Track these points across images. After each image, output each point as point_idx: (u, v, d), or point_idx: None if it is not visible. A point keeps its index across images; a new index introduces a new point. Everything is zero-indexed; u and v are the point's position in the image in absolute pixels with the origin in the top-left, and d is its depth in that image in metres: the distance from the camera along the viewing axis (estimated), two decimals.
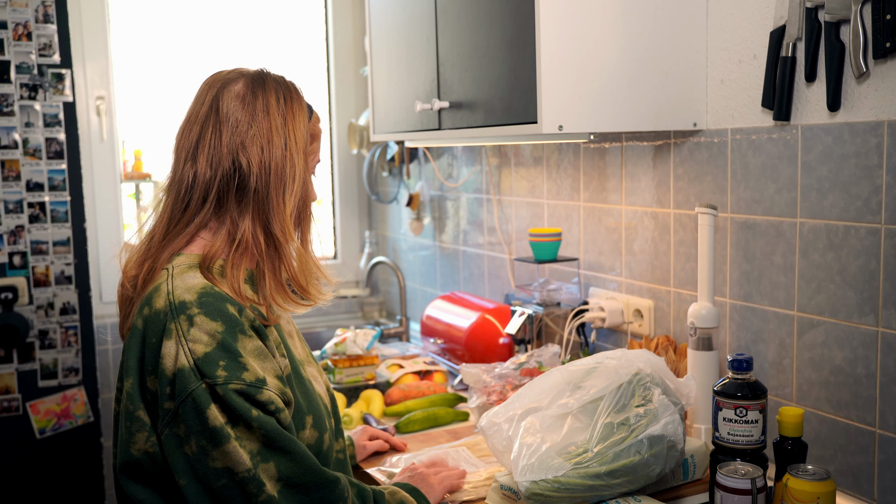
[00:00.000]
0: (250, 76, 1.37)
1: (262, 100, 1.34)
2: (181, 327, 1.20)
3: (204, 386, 1.18)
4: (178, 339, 1.20)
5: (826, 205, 1.55)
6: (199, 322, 1.21)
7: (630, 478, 1.38)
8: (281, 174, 1.32)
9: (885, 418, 1.47)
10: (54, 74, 2.72)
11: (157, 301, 1.24)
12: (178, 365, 1.19)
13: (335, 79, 3.50)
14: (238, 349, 1.21)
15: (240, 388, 1.19)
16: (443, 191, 2.98)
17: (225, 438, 1.18)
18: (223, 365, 1.19)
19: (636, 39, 1.72)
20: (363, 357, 2.35)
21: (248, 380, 1.20)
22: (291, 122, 1.35)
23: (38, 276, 2.75)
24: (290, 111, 1.36)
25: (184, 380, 1.18)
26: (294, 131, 1.35)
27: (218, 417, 1.18)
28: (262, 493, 1.19)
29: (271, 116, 1.33)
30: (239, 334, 1.23)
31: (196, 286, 1.25)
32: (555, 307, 2.23)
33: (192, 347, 1.19)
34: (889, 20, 1.38)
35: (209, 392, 1.18)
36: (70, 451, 2.83)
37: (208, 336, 1.20)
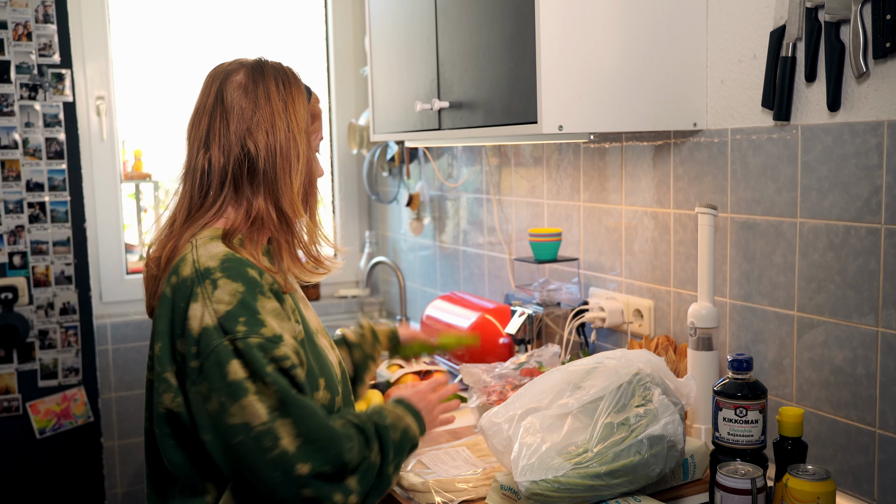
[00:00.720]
0: (249, 65, 1.46)
1: (263, 87, 1.43)
2: (206, 290, 1.29)
3: (226, 342, 1.26)
4: (204, 300, 1.29)
5: (826, 205, 1.55)
6: (221, 284, 1.30)
7: (630, 478, 1.38)
8: (286, 155, 1.42)
9: (885, 418, 1.47)
10: (54, 74, 2.72)
11: (184, 269, 1.33)
12: (202, 324, 1.27)
13: (335, 79, 3.50)
14: (257, 307, 1.30)
15: (259, 342, 1.27)
16: (443, 191, 2.98)
17: (243, 392, 1.25)
18: (243, 321, 1.27)
19: (636, 39, 1.72)
20: None
21: (266, 335, 1.28)
22: (292, 106, 1.44)
23: (38, 276, 2.75)
24: (289, 95, 1.44)
25: (208, 338, 1.27)
26: (295, 114, 1.44)
27: (238, 372, 1.26)
28: (277, 446, 1.25)
29: (272, 102, 1.42)
30: (258, 294, 1.31)
31: (219, 253, 1.34)
32: (555, 307, 2.23)
33: (215, 307, 1.28)
34: (889, 20, 1.38)
35: (231, 347, 1.26)
36: (70, 451, 2.83)
37: (230, 296, 1.29)
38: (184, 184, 1.46)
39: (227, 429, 1.26)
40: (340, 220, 3.60)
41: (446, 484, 1.58)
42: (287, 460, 1.26)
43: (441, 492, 1.56)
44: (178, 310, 1.31)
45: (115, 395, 3.13)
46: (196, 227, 1.40)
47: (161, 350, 1.32)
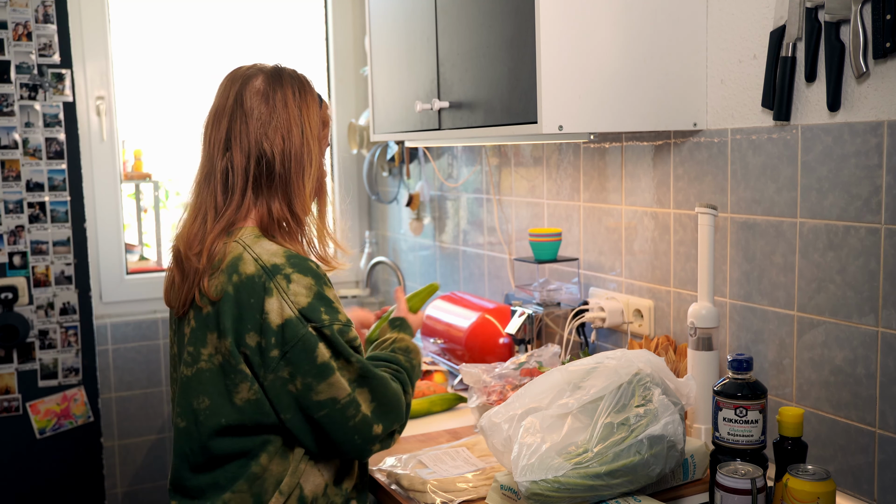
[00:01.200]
0: (268, 72, 1.54)
1: (281, 93, 1.51)
2: (280, 285, 1.41)
3: (311, 330, 1.40)
4: (280, 295, 1.40)
5: (826, 205, 1.55)
6: (295, 279, 1.42)
7: (630, 478, 1.38)
8: (300, 159, 1.51)
9: (885, 418, 1.47)
10: (54, 74, 2.72)
11: (246, 268, 1.43)
12: (284, 317, 1.39)
13: (335, 79, 3.50)
14: (329, 297, 1.45)
15: (340, 327, 1.43)
16: (443, 191, 2.98)
17: (331, 371, 1.41)
18: (323, 311, 1.42)
19: (636, 39, 1.72)
20: None
21: (343, 320, 1.44)
22: (306, 112, 1.53)
23: (38, 276, 2.75)
24: (304, 102, 1.54)
25: (293, 328, 1.39)
26: (308, 120, 1.53)
27: (324, 354, 1.41)
28: (358, 413, 1.44)
29: (289, 108, 1.51)
30: (325, 286, 1.45)
31: (279, 251, 1.46)
32: (555, 307, 2.23)
33: (294, 300, 1.40)
34: (889, 20, 1.38)
35: (316, 334, 1.40)
36: (70, 451, 2.83)
37: (305, 289, 1.42)
38: (207, 183, 1.52)
39: (311, 404, 1.42)
40: (340, 220, 3.60)
41: (446, 484, 1.58)
42: (366, 423, 1.46)
43: (441, 492, 1.56)
44: (248, 305, 1.41)
45: (115, 395, 3.13)
46: (226, 225, 1.49)
47: (231, 345, 1.42)
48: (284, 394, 1.42)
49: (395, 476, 1.64)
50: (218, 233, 1.48)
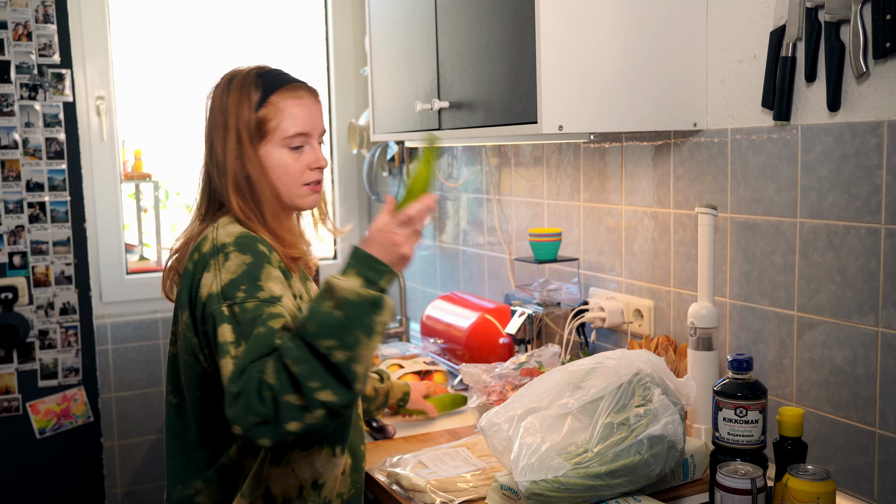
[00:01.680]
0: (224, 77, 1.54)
1: (217, 92, 1.51)
2: (218, 262, 1.39)
3: (224, 307, 1.34)
4: (215, 271, 1.38)
5: (826, 205, 1.55)
6: (232, 257, 1.39)
7: (630, 478, 1.38)
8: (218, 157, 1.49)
9: (885, 418, 1.47)
10: (54, 74, 2.72)
11: (205, 246, 1.44)
12: (209, 291, 1.37)
13: (335, 79, 3.50)
14: (261, 275, 1.37)
15: (254, 304, 1.33)
16: (443, 191, 2.98)
17: (223, 354, 1.31)
18: (244, 288, 1.35)
19: (636, 39, 1.72)
20: None
21: (262, 297, 1.34)
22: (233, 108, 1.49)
23: (38, 276, 2.75)
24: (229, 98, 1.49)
25: (211, 303, 1.36)
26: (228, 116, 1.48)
27: (226, 335, 1.32)
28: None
29: (214, 105, 1.51)
30: (266, 264, 1.39)
31: (235, 232, 1.44)
32: (555, 307, 2.23)
33: (223, 277, 1.37)
34: (889, 20, 1.38)
35: (228, 312, 1.34)
36: (70, 451, 2.83)
37: (236, 266, 1.38)
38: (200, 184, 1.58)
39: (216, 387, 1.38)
40: (340, 220, 3.60)
41: (446, 484, 1.58)
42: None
43: (441, 492, 1.56)
44: (195, 281, 1.41)
45: (115, 395, 3.13)
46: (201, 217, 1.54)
47: (188, 318, 1.43)
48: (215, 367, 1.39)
49: (395, 476, 1.64)
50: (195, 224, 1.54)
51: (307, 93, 1.54)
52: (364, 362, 1.25)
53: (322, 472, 1.50)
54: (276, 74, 1.53)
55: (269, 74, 1.52)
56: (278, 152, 1.49)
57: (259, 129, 1.48)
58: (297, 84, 1.53)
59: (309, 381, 1.21)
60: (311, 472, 1.48)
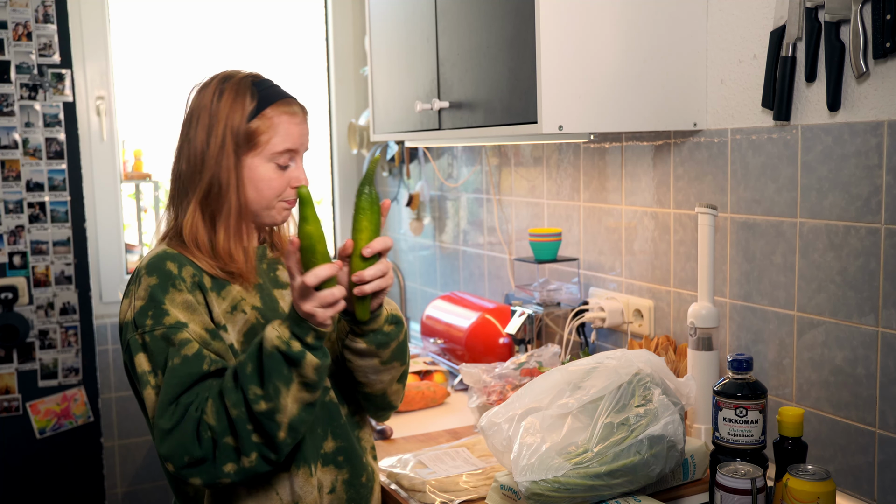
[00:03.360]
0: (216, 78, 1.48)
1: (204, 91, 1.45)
2: (133, 288, 1.38)
3: (136, 336, 1.34)
4: (130, 297, 1.37)
5: (826, 205, 1.55)
6: (142, 281, 1.37)
7: (630, 478, 1.38)
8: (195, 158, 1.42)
9: (885, 418, 1.47)
10: (54, 74, 2.72)
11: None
12: (124, 319, 1.37)
13: (335, 79, 3.50)
14: (164, 300, 1.34)
15: (162, 332, 1.32)
16: (443, 191, 2.98)
17: (144, 385, 1.32)
18: (150, 314, 1.34)
19: (636, 39, 1.72)
20: None
21: (168, 323, 1.33)
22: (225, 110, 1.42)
23: (38, 276, 2.75)
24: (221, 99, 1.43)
25: (125, 332, 1.36)
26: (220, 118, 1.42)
27: (143, 365, 1.33)
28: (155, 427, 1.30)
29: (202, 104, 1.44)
30: (170, 287, 1.36)
31: (155, 251, 1.42)
32: (555, 307, 2.23)
33: (135, 304, 1.36)
34: (889, 20, 1.38)
35: (140, 341, 1.33)
36: (70, 451, 2.83)
37: (144, 291, 1.36)
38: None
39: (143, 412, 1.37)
40: (340, 220, 3.60)
41: (446, 484, 1.58)
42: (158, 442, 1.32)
43: (441, 492, 1.56)
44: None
45: (115, 395, 3.13)
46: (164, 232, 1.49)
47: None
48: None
49: (395, 476, 1.64)
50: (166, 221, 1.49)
51: (300, 109, 1.48)
52: (288, 414, 1.26)
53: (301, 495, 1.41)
54: (271, 86, 1.47)
55: (265, 85, 1.46)
56: (264, 166, 1.43)
57: (248, 140, 1.42)
58: (291, 99, 1.47)
59: (245, 425, 1.26)
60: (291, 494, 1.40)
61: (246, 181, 1.43)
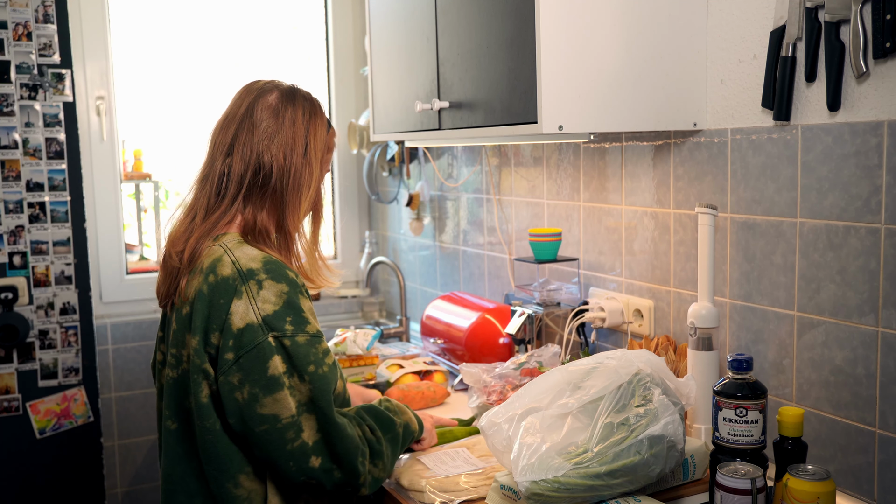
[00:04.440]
0: (283, 89, 1.58)
1: (291, 111, 1.55)
2: (251, 290, 1.41)
3: (271, 339, 1.38)
4: (249, 299, 1.40)
5: (826, 205, 1.55)
6: (267, 285, 1.42)
7: (630, 478, 1.38)
8: (299, 178, 1.54)
9: (885, 418, 1.47)
10: (54, 74, 2.72)
11: (223, 269, 1.44)
12: (246, 321, 1.39)
13: (335, 79, 3.50)
14: (302, 306, 1.43)
15: (305, 339, 1.41)
16: (443, 191, 2.98)
17: (279, 387, 1.38)
18: (290, 320, 1.40)
19: (636, 39, 1.72)
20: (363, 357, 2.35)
21: (311, 332, 1.42)
22: (313, 133, 1.56)
23: (38, 276, 2.75)
24: (312, 123, 1.57)
25: (252, 333, 1.38)
26: (314, 141, 1.56)
27: (278, 366, 1.38)
28: (298, 438, 1.40)
29: (296, 126, 1.54)
30: (300, 295, 1.44)
31: (258, 256, 1.46)
32: (555, 307, 2.23)
33: (261, 306, 1.40)
34: (889, 20, 1.38)
35: (276, 344, 1.39)
36: (70, 451, 2.83)
37: (276, 296, 1.41)
38: (203, 184, 1.56)
39: (255, 416, 1.39)
40: (340, 220, 3.60)
41: (446, 484, 1.58)
42: (304, 452, 1.40)
43: (441, 492, 1.56)
44: (217, 306, 1.41)
45: (115, 395, 3.13)
46: (211, 228, 1.51)
47: (198, 344, 1.42)
48: (231, 399, 1.41)
49: (394, 476, 1.64)
50: (202, 234, 1.51)
51: None
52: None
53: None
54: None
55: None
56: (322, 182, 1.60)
57: (326, 153, 1.59)
58: None
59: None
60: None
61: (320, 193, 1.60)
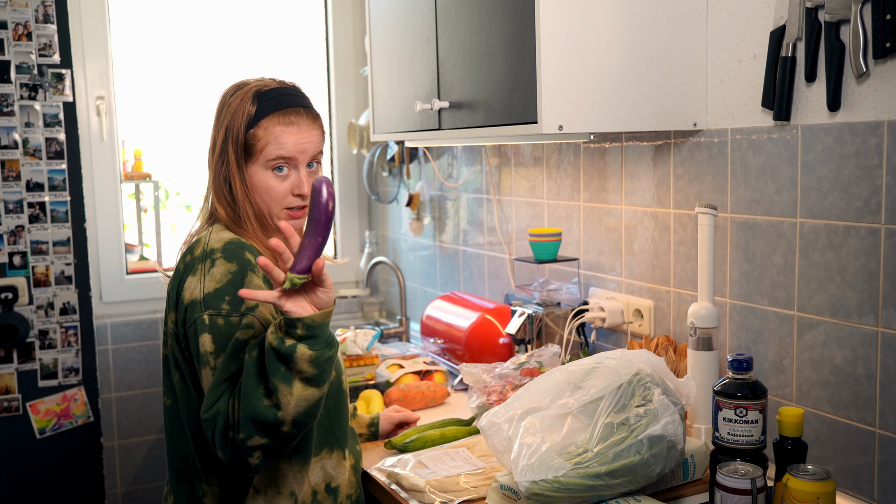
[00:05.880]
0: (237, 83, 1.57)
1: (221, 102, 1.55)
2: (205, 267, 1.43)
3: (206, 316, 1.39)
4: (200, 276, 1.42)
5: (826, 205, 1.55)
6: (218, 264, 1.42)
7: (630, 478, 1.38)
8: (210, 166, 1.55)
9: (885, 418, 1.47)
10: (54, 74, 2.72)
11: (196, 249, 1.48)
12: (192, 297, 1.41)
13: (335, 79, 3.50)
14: (244, 284, 1.41)
15: (237, 319, 1.39)
16: (443, 191, 2.98)
17: (204, 364, 1.39)
18: (228, 299, 1.40)
19: (636, 39, 1.72)
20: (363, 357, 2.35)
21: (241, 309, 1.40)
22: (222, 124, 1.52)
23: (38, 276, 2.75)
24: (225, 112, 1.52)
25: (192, 310, 1.41)
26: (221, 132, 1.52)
27: (206, 344, 1.39)
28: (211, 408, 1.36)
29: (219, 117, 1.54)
30: (250, 272, 1.42)
31: (226, 238, 1.47)
32: (555, 307, 2.23)
33: (207, 284, 1.41)
34: (889, 20, 1.38)
35: (209, 322, 1.39)
36: (70, 451, 2.83)
37: (221, 275, 1.41)
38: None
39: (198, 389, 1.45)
40: (340, 220, 3.60)
41: (446, 484, 1.58)
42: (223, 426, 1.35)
43: (441, 492, 1.56)
44: (181, 282, 1.46)
45: (115, 395, 3.13)
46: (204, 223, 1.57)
47: (173, 318, 1.47)
48: (177, 373, 1.48)
49: (395, 476, 1.64)
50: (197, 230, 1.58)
51: (304, 118, 1.51)
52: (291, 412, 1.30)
53: (334, 476, 1.55)
54: (275, 96, 1.51)
55: (269, 95, 1.51)
56: (262, 174, 1.51)
57: (247, 149, 1.51)
58: (293, 109, 1.51)
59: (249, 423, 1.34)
60: (324, 475, 1.53)
61: (252, 189, 1.52)
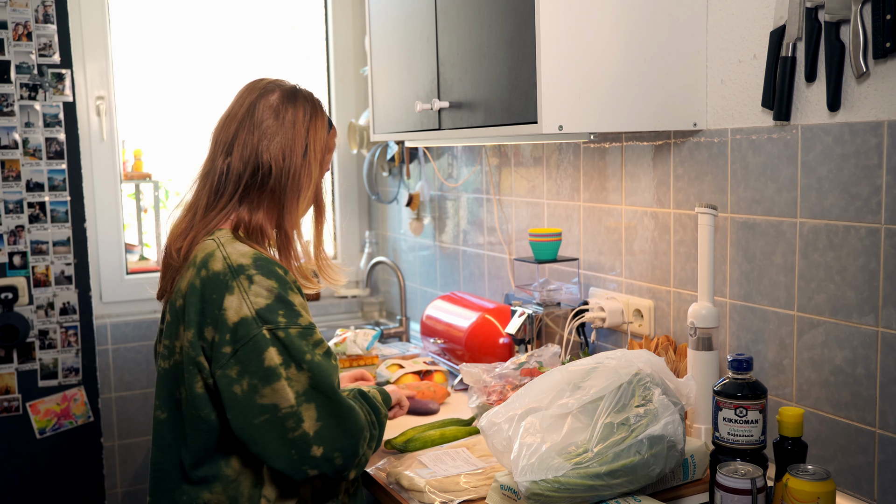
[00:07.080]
0: (286, 89, 1.60)
1: (292, 113, 1.57)
2: (242, 285, 1.43)
3: (265, 331, 1.40)
4: (241, 294, 1.42)
5: (826, 205, 1.55)
6: (257, 280, 1.44)
7: (630, 478, 1.38)
8: (297, 179, 1.56)
9: (885, 418, 1.47)
10: (54, 74, 2.72)
11: (215, 265, 1.46)
12: (240, 315, 1.41)
13: (335, 79, 3.50)
14: (292, 301, 1.45)
15: (298, 331, 1.43)
16: (443, 191, 2.98)
17: (276, 377, 1.40)
18: (282, 313, 1.43)
19: (636, 39, 1.72)
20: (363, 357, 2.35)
21: (304, 324, 1.44)
22: (313, 135, 1.59)
23: (38, 276, 2.75)
24: (313, 125, 1.59)
25: (246, 327, 1.40)
26: (314, 143, 1.58)
27: (274, 358, 1.40)
28: (299, 428, 1.41)
29: (296, 128, 1.57)
30: (290, 290, 1.46)
31: (248, 252, 1.48)
32: (555, 307, 2.23)
33: (253, 300, 1.42)
34: (889, 20, 1.38)
35: (270, 336, 1.41)
36: (70, 451, 2.83)
37: (266, 291, 1.43)
38: (204, 181, 1.59)
39: (254, 407, 1.41)
40: (340, 220, 3.60)
41: (446, 484, 1.58)
42: (306, 441, 1.41)
43: (440, 492, 1.56)
44: (210, 301, 1.43)
45: (115, 395, 3.13)
46: (211, 226, 1.54)
47: (193, 336, 1.44)
48: (230, 392, 1.42)
49: (394, 476, 1.64)
50: (199, 231, 1.54)
51: None
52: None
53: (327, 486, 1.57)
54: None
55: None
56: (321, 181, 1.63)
57: (326, 153, 1.60)
58: None
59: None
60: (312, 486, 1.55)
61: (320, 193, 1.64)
